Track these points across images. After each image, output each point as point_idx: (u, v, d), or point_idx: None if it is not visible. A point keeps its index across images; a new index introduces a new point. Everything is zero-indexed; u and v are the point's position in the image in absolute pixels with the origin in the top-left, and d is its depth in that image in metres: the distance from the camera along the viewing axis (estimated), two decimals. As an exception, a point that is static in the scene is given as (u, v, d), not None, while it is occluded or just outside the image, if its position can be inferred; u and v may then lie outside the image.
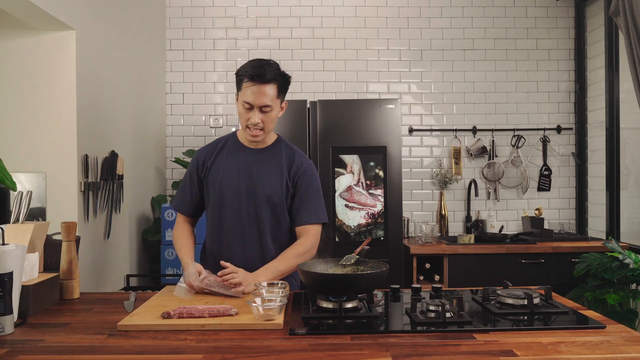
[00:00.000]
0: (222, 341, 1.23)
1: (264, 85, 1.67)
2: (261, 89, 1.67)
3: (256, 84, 1.67)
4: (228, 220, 1.80)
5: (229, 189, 1.78)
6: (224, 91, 3.82)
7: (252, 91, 1.67)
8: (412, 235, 3.71)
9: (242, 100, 1.70)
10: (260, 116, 1.70)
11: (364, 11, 3.85)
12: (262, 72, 1.66)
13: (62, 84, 2.32)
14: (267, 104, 1.69)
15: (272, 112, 1.72)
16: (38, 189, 2.25)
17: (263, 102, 1.68)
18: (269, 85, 1.68)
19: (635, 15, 2.88)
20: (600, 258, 2.87)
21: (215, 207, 1.81)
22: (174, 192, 3.72)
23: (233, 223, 1.79)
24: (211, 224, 1.85)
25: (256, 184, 1.77)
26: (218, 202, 1.80)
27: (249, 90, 1.68)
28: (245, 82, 1.69)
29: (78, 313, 1.52)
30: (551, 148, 3.84)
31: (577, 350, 1.16)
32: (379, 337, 1.26)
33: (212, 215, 1.83)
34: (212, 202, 1.81)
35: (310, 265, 1.65)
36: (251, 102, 1.68)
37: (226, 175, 1.79)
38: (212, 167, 1.82)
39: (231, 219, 1.79)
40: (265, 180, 1.78)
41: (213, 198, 1.81)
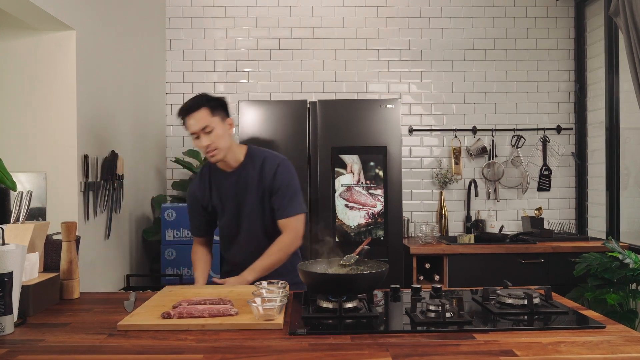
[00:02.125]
0: (222, 341, 1.23)
1: (194, 112, 1.89)
2: (194, 117, 1.89)
3: (188, 115, 1.90)
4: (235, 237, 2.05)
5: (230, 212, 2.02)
6: (224, 91, 3.82)
7: (188, 123, 1.91)
8: (412, 235, 3.71)
9: (190, 133, 1.92)
10: (207, 138, 1.89)
11: (364, 11, 3.85)
12: (187, 106, 1.91)
13: (62, 84, 2.32)
14: (205, 125, 1.88)
15: (216, 130, 1.90)
16: (38, 189, 2.25)
17: (200, 126, 1.88)
18: (199, 111, 1.89)
19: (635, 15, 2.88)
20: (600, 258, 2.87)
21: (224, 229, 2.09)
22: (174, 192, 3.72)
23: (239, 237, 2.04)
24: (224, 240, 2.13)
25: (243, 203, 2.00)
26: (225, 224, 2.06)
27: (188, 124, 1.91)
28: (182, 120, 1.93)
29: (78, 313, 1.52)
30: (551, 148, 3.85)
31: (577, 350, 1.16)
32: (379, 337, 1.26)
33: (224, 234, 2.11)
34: (221, 225, 2.09)
35: (310, 265, 1.65)
36: (192, 131, 1.90)
37: (224, 203, 2.03)
38: (212, 198, 2.04)
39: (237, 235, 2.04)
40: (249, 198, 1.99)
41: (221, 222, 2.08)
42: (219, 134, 1.90)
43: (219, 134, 1.90)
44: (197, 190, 2.07)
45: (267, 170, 1.98)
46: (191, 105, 1.90)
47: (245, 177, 1.99)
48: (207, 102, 1.91)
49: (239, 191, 1.99)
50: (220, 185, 2.03)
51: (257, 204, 1.99)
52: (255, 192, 1.98)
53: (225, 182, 2.01)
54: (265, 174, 1.97)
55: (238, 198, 2.00)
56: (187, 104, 1.92)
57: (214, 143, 1.89)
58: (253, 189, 1.98)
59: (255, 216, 1.99)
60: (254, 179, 1.98)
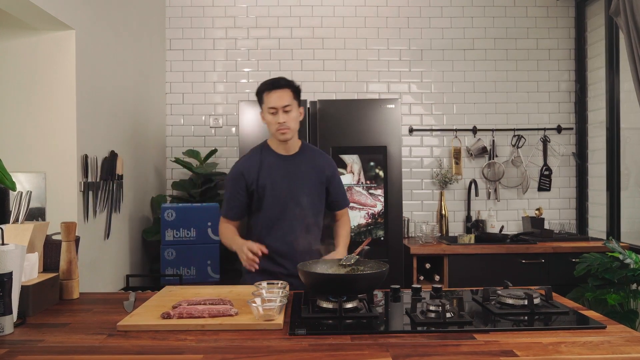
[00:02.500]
0: (222, 341, 1.23)
1: (281, 89, 2.00)
2: (279, 93, 2.00)
3: (275, 90, 2.00)
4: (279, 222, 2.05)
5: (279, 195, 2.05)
6: (224, 91, 3.82)
7: (273, 96, 1.99)
8: (412, 235, 3.71)
9: (267, 107, 2.01)
10: (284, 116, 1.99)
11: (364, 11, 3.84)
12: (277, 81, 2.02)
13: (61, 83, 2.31)
14: (288, 104, 1.99)
15: (293, 112, 2.02)
16: (38, 189, 2.25)
17: (284, 103, 1.99)
18: (285, 90, 2.01)
19: (635, 15, 2.88)
20: (601, 258, 2.86)
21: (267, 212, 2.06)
22: (174, 192, 3.72)
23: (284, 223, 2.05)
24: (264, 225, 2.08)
25: (299, 188, 2.05)
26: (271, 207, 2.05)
27: (270, 97, 2.00)
28: (266, 93, 2.01)
29: (78, 313, 1.52)
30: (551, 148, 3.84)
31: (577, 350, 1.15)
32: (379, 337, 1.26)
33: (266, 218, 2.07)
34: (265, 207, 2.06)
35: (310, 265, 1.65)
36: (275, 105, 1.99)
37: (274, 185, 2.05)
38: (260, 178, 2.05)
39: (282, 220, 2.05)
40: (306, 185, 2.08)
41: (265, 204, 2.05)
42: (294, 117, 2.03)
43: (294, 117, 2.03)
44: (245, 169, 2.07)
45: (324, 163, 2.15)
46: (279, 82, 2.02)
47: (302, 164, 2.09)
48: (291, 85, 2.04)
49: (294, 176, 2.06)
50: (273, 166, 2.06)
51: (313, 191, 2.08)
52: (312, 180, 2.08)
53: (281, 165, 2.07)
54: (323, 166, 2.13)
55: (292, 183, 2.05)
56: (274, 80, 2.03)
57: (288, 122, 2.00)
58: (310, 177, 2.09)
59: (308, 203, 2.06)
60: (310, 167, 2.10)
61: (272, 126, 2.02)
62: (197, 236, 3.07)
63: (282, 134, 2.02)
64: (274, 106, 1.99)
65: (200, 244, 3.07)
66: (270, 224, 2.06)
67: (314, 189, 2.09)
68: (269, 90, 2.01)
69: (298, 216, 2.05)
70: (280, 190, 2.04)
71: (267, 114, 2.03)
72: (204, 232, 3.07)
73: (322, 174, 2.12)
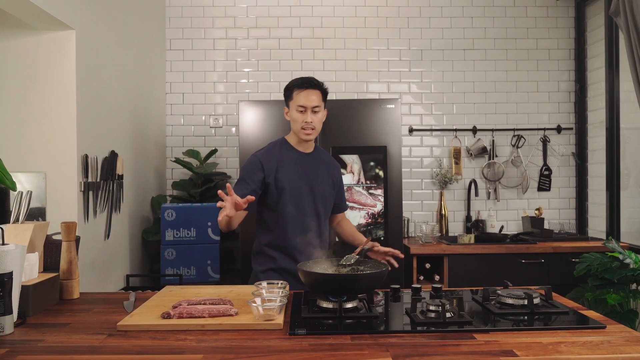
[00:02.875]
0: (222, 341, 1.23)
1: (313, 89, 2.01)
2: (311, 92, 2.00)
3: (308, 89, 2.00)
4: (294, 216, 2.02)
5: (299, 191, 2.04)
6: (224, 91, 3.82)
7: (304, 95, 1.99)
8: (412, 235, 3.71)
9: (296, 105, 2.00)
10: (312, 117, 2.00)
11: (364, 11, 3.84)
12: (310, 80, 2.03)
13: (61, 83, 2.32)
14: (317, 105, 2.00)
15: (320, 113, 2.03)
16: (38, 189, 2.25)
17: (314, 103, 1.99)
18: (316, 90, 2.01)
19: (635, 15, 2.88)
20: (601, 258, 2.86)
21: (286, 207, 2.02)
22: (174, 192, 3.72)
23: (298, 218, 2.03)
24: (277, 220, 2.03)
25: (315, 186, 2.07)
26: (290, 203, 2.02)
27: (301, 95, 1.99)
28: (297, 91, 2.01)
29: (78, 313, 1.52)
30: (551, 148, 3.84)
31: (577, 350, 1.16)
32: (379, 337, 1.26)
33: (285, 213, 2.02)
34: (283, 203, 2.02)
35: (311, 265, 1.65)
36: (304, 104, 1.98)
37: (292, 177, 2.04)
38: (278, 171, 2.02)
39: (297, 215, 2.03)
40: (321, 183, 2.09)
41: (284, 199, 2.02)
42: (320, 118, 2.04)
43: (320, 118, 2.04)
44: (265, 160, 2.03)
45: (334, 165, 2.21)
46: (312, 82, 2.02)
47: (320, 163, 2.13)
48: (322, 87, 2.05)
49: (313, 174, 2.07)
50: (293, 162, 2.05)
51: (327, 190, 2.11)
52: (326, 180, 2.12)
53: (301, 162, 2.07)
54: (334, 169, 2.19)
55: (311, 180, 2.06)
56: (307, 79, 2.03)
57: (315, 123, 2.00)
58: (325, 177, 2.12)
59: (326, 200, 2.10)
60: (325, 168, 2.14)
61: (297, 124, 2.02)
62: (197, 236, 3.07)
63: (306, 134, 2.02)
64: (304, 105, 1.98)
65: (201, 244, 3.07)
66: (289, 220, 2.02)
67: (328, 189, 2.12)
68: (301, 88, 2.00)
69: (316, 212, 2.06)
70: (299, 186, 2.03)
71: (294, 111, 2.02)
72: (204, 232, 3.07)
73: (334, 176, 2.17)
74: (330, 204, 2.15)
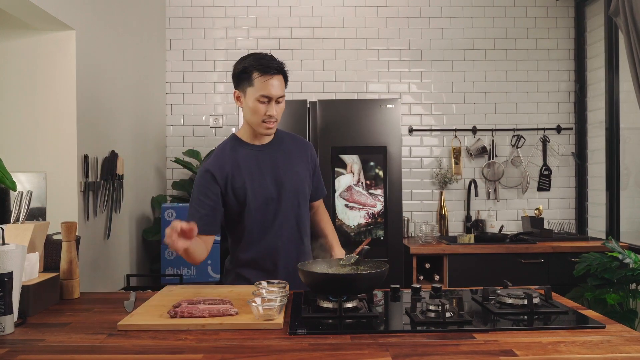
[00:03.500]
0: (222, 341, 1.23)
1: (278, 76, 1.70)
2: (277, 80, 1.69)
3: (273, 76, 1.68)
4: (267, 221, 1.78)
5: (259, 189, 1.76)
6: (224, 91, 3.82)
7: (270, 84, 1.68)
8: (412, 235, 3.71)
9: (259, 94, 1.68)
10: (275, 108, 1.71)
11: (364, 11, 3.85)
12: (277, 65, 1.70)
13: (62, 84, 2.32)
14: (282, 94, 1.72)
15: (283, 103, 1.75)
16: (38, 189, 2.25)
17: (280, 93, 1.70)
18: (280, 76, 1.71)
19: (635, 15, 2.88)
20: (600, 258, 2.87)
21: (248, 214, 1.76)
22: (174, 192, 3.72)
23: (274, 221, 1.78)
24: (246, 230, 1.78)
25: (283, 179, 1.78)
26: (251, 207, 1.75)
27: (266, 84, 1.67)
28: (259, 76, 1.67)
29: (78, 313, 1.52)
30: (551, 148, 3.85)
31: (577, 350, 1.16)
32: (379, 337, 1.26)
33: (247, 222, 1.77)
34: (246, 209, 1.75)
35: (310, 265, 1.65)
36: (270, 95, 1.68)
37: (252, 178, 1.76)
38: (234, 175, 1.75)
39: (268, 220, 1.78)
40: (291, 174, 1.80)
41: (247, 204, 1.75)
42: (282, 108, 1.75)
43: (282, 108, 1.75)
44: (215, 169, 1.74)
45: (306, 147, 1.89)
46: (277, 65, 1.70)
47: (285, 150, 1.82)
48: (285, 71, 1.74)
49: (279, 164, 1.79)
50: (250, 160, 1.77)
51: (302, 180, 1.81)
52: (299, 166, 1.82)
53: (260, 156, 1.78)
54: (307, 151, 1.88)
55: (278, 172, 1.78)
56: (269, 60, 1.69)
57: (278, 115, 1.73)
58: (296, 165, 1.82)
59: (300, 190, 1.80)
60: (293, 152, 1.83)
61: (257, 116, 1.70)
62: (197, 236, 3.06)
63: (268, 129, 1.73)
64: (269, 95, 1.68)
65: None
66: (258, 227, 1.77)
67: (303, 178, 1.83)
68: (265, 74, 1.67)
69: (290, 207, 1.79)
70: (265, 185, 1.75)
71: (254, 100, 1.68)
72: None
73: (307, 159, 1.86)
74: (308, 197, 1.86)
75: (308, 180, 1.86)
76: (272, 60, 1.71)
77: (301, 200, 1.82)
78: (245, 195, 1.74)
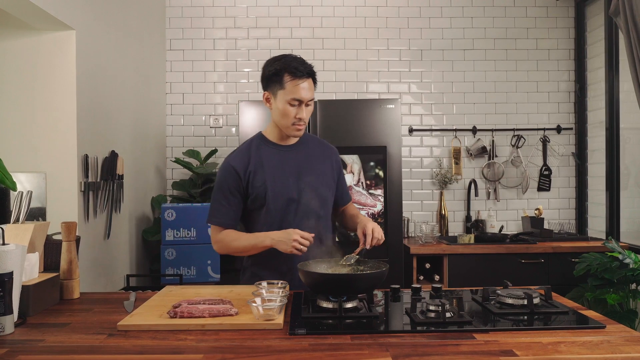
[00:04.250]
0: (222, 341, 1.23)
1: (308, 79, 1.71)
2: (307, 83, 1.70)
3: (304, 79, 1.69)
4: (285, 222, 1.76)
5: (281, 189, 1.76)
6: (224, 91, 3.82)
7: (301, 87, 1.68)
8: (412, 235, 3.71)
9: (290, 97, 1.69)
10: (305, 111, 1.72)
11: (364, 11, 3.85)
12: (304, 68, 1.70)
13: (62, 84, 2.32)
14: (312, 98, 1.73)
15: (311, 105, 1.76)
16: (38, 189, 2.25)
17: (310, 97, 1.71)
18: (310, 80, 1.72)
19: (635, 15, 2.88)
20: (600, 258, 2.87)
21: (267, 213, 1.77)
22: (174, 192, 3.72)
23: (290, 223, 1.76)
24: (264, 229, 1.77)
25: (307, 181, 1.79)
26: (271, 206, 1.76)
27: (298, 87, 1.68)
28: (291, 80, 1.68)
29: (78, 313, 1.52)
30: (551, 148, 3.85)
31: (577, 350, 1.16)
32: (379, 337, 1.26)
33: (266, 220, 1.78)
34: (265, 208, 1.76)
35: (310, 265, 1.65)
36: (301, 98, 1.69)
37: (274, 177, 1.76)
38: (255, 172, 1.76)
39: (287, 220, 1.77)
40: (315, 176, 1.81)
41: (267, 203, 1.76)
42: (311, 111, 1.76)
43: (311, 111, 1.76)
44: (238, 165, 1.76)
45: (331, 151, 1.91)
46: (309, 69, 1.71)
47: (309, 153, 1.83)
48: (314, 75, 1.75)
49: (302, 166, 1.80)
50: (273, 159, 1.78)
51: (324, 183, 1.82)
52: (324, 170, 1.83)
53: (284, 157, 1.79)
54: (332, 155, 1.90)
55: (301, 173, 1.78)
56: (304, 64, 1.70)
57: (307, 118, 1.74)
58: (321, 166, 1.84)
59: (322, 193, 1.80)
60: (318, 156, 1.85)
61: (287, 119, 1.71)
62: (197, 236, 3.07)
63: (297, 130, 1.75)
64: (301, 99, 1.68)
65: (201, 243, 3.08)
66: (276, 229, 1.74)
67: (326, 181, 1.83)
68: (297, 78, 1.67)
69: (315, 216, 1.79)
70: (286, 190, 1.76)
71: (284, 103, 1.69)
72: (204, 232, 3.07)
73: (332, 164, 1.88)
74: (331, 200, 1.88)
75: (331, 184, 1.86)
76: (303, 63, 1.72)
77: (322, 203, 1.82)
78: (265, 194, 1.75)
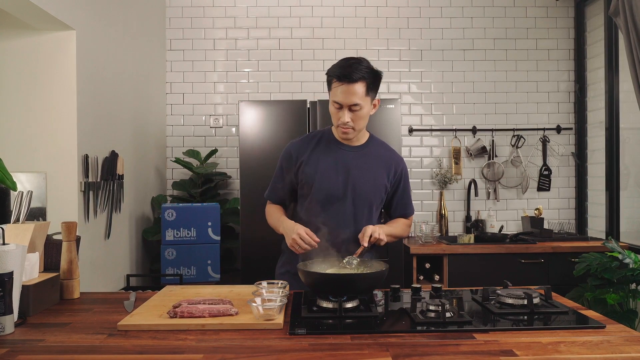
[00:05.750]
0: (222, 341, 1.23)
1: (352, 84, 1.70)
2: (349, 88, 1.70)
3: (344, 83, 1.70)
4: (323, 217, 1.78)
5: (327, 185, 1.80)
6: (224, 91, 3.82)
7: (340, 91, 1.71)
8: (412, 235, 3.71)
9: (332, 100, 1.76)
10: (350, 115, 1.74)
11: (364, 11, 3.85)
12: (349, 72, 1.70)
13: (62, 84, 2.32)
14: (356, 103, 1.72)
15: (362, 111, 1.75)
16: (38, 189, 2.25)
17: (351, 102, 1.71)
18: (357, 85, 1.71)
19: (635, 16, 2.88)
20: (600, 258, 2.87)
21: (310, 203, 1.82)
22: (174, 192, 3.72)
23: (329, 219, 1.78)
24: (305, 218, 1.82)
25: (355, 182, 1.81)
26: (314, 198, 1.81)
27: (338, 90, 1.72)
28: (334, 83, 1.73)
29: (78, 313, 1.52)
30: (551, 148, 3.85)
31: (577, 350, 1.16)
32: (379, 337, 1.26)
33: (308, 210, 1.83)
34: (310, 198, 1.82)
35: (311, 265, 1.65)
36: (340, 102, 1.73)
37: (324, 172, 1.81)
38: (308, 162, 1.83)
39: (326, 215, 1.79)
40: (365, 180, 1.82)
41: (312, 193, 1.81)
42: (363, 115, 1.75)
43: (363, 115, 1.75)
44: (296, 150, 1.85)
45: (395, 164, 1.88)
46: (352, 75, 1.69)
47: (369, 156, 1.85)
48: (369, 76, 1.73)
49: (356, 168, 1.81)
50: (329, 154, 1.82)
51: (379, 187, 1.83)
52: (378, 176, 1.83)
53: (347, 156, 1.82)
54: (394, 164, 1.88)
55: (352, 174, 1.80)
56: (347, 70, 1.70)
57: (353, 122, 1.75)
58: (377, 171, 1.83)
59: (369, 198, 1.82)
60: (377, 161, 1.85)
61: (333, 120, 1.79)
62: (197, 236, 3.07)
63: (343, 133, 1.79)
64: (340, 102, 1.73)
65: (201, 243, 3.08)
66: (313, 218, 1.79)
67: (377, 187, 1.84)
68: (339, 82, 1.71)
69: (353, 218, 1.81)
70: (333, 186, 1.79)
71: (330, 104, 1.77)
72: (204, 232, 3.07)
73: (391, 172, 1.87)
74: (377, 207, 1.87)
75: (381, 192, 1.85)
76: (350, 67, 1.71)
77: (364, 207, 1.83)
78: (312, 185, 1.80)
